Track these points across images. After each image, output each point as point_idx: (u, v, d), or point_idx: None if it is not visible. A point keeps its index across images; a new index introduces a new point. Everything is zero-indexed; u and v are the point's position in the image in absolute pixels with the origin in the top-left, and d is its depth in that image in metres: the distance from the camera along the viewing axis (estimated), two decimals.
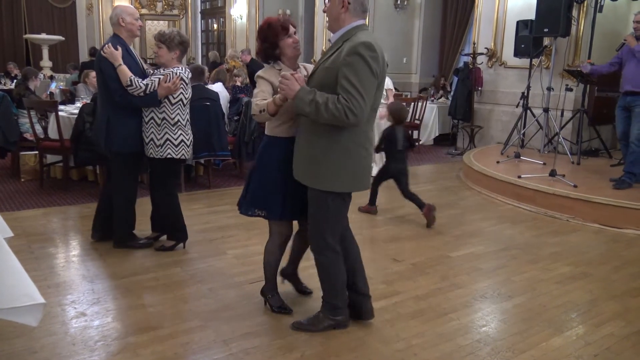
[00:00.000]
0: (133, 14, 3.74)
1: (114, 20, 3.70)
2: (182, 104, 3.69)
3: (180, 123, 3.69)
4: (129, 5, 3.96)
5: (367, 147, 2.63)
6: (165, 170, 3.78)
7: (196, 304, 3.10)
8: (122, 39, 3.69)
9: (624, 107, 5.45)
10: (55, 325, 2.78)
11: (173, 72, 3.59)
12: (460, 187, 6.36)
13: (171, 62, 3.69)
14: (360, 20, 2.53)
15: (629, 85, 5.31)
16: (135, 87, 3.51)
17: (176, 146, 3.68)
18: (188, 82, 3.70)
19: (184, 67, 3.73)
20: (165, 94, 3.58)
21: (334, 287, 2.78)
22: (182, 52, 3.72)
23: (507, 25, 7.95)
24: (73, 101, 7.14)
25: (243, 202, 2.90)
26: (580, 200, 5.00)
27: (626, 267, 3.89)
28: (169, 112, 3.65)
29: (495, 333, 2.89)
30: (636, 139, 5.21)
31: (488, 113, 8.46)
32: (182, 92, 3.65)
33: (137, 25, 3.74)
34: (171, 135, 3.66)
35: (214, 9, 16.22)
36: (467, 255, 4.05)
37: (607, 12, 6.75)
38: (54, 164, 5.88)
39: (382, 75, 2.49)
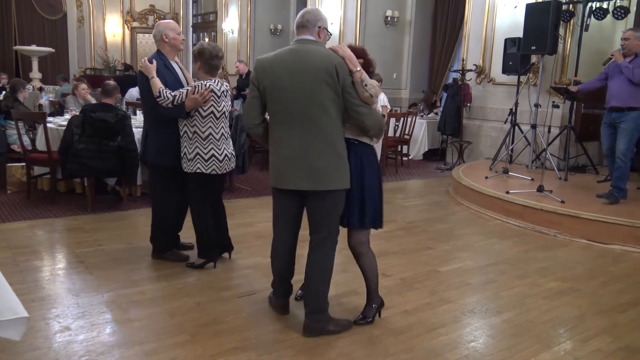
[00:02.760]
0: (175, 29, 3.77)
1: (158, 37, 3.73)
2: (215, 117, 3.59)
3: (213, 137, 3.59)
4: (170, 21, 3.97)
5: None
6: (196, 184, 3.69)
7: (183, 318, 3.06)
8: (164, 54, 3.74)
9: (609, 123, 5.49)
10: (38, 340, 2.74)
11: (202, 84, 3.52)
12: (450, 202, 6.39)
13: (201, 75, 3.64)
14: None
15: (614, 100, 5.36)
16: (164, 99, 3.49)
17: (206, 161, 3.59)
18: (220, 95, 3.59)
19: (219, 80, 3.64)
20: (192, 105, 3.50)
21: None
22: (204, 64, 3.60)
23: (496, 43, 8.06)
24: (62, 113, 7.11)
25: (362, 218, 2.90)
26: (568, 216, 5.04)
27: (613, 283, 3.91)
28: (200, 126, 3.57)
29: (484, 348, 2.88)
30: (622, 154, 5.26)
31: (477, 129, 8.54)
32: (213, 105, 3.56)
33: (180, 39, 3.76)
34: (201, 150, 3.58)
35: (205, 23, 16.30)
36: (456, 270, 4.06)
37: (592, 31, 6.87)
38: (41, 176, 5.83)
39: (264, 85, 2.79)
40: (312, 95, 2.68)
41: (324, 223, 2.87)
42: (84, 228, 4.71)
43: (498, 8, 8.02)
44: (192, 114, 3.56)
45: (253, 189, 6.60)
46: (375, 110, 2.80)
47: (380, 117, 2.85)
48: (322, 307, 2.90)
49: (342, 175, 2.79)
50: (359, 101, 2.69)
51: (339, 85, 2.67)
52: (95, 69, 15.94)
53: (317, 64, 2.67)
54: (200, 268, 3.81)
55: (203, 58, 3.59)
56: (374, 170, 2.90)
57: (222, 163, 3.66)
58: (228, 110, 3.71)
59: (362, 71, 2.67)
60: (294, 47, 2.80)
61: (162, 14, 16.37)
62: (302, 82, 2.69)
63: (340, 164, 2.78)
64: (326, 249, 2.90)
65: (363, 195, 2.85)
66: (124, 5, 16.22)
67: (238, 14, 13.64)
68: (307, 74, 2.68)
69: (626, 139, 5.25)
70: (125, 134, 5.05)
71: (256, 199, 6.13)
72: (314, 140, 2.73)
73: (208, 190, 3.75)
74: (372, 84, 2.69)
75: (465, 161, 8.43)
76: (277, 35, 13.48)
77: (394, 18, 10.33)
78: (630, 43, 5.24)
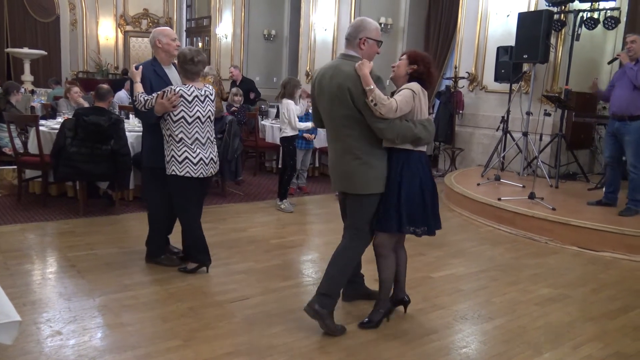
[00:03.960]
0: (169, 34, 3.81)
1: (152, 43, 3.82)
2: (186, 122, 3.57)
3: (185, 141, 3.60)
4: (165, 27, 4.02)
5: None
6: (174, 187, 3.69)
7: (176, 323, 3.05)
8: (158, 60, 3.81)
9: (612, 133, 5.40)
10: (29, 344, 2.72)
11: (172, 89, 3.53)
12: (442, 208, 6.32)
13: (182, 79, 3.69)
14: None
15: (615, 107, 5.30)
16: (138, 102, 3.57)
17: (180, 163, 3.60)
18: (192, 100, 3.57)
19: (194, 85, 3.62)
20: (161, 110, 3.52)
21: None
22: (180, 68, 3.65)
23: (488, 51, 8.12)
24: (54, 116, 7.08)
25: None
26: (559, 223, 5.08)
27: (603, 290, 3.95)
28: (173, 129, 3.59)
29: (476, 354, 2.89)
30: (632, 167, 5.20)
31: (469, 136, 8.59)
32: (183, 110, 3.55)
33: (174, 45, 3.78)
34: (175, 152, 3.60)
35: (199, 28, 16.30)
36: (448, 276, 4.08)
37: (583, 41, 6.95)
38: (32, 179, 5.80)
39: (314, 95, 3.09)
40: (334, 110, 2.92)
41: (352, 221, 3.05)
42: (75, 232, 4.68)
43: (490, 16, 8.09)
44: (165, 118, 3.59)
45: (246, 194, 6.60)
46: (396, 123, 2.80)
47: (407, 126, 2.83)
48: (329, 293, 2.97)
49: (368, 181, 2.91)
50: (374, 118, 2.79)
51: (355, 104, 2.82)
52: (88, 72, 15.89)
53: (336, 82, 2.86)
54: (193, 273, 3.80)
55: (178, 62, 3.66)
56: (415, 177, 2.91)
57: (197, 166, 3.64)
58: (207, 115, 3.68)
59: (373, 89, 2.72)
60: (333, 63, 3.03)
61: (156, 18, 16.36)
62: (327, 98, 2.94)
63: (366, 171, 2.90)
64: (352, 245, 3.05)
65: (399, 201, 2.89)
66: (118, 8, 16.20)
67: (232, 19, 13.66)
68: (328, 92, 2.91)
69: (633, 151, 5.18)
70: (118, 137, 5.04)
71: (249, 204, 6.13)
72: (341, 148, 2.96)
73: (191, 195, 3.73)
74: (383, 102, 2.72)
75: (457, 168, 8.47)
76: (270, 41, 13.51)
77: (387, 25, 10.39)
78: (637, 46, 5.15)
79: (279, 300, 3.41)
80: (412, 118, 2.89)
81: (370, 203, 2.95)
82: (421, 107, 2.92)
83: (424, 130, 2.88)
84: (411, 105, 2.85)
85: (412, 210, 2.91)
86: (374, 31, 2.97)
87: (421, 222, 2.95)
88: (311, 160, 7.36)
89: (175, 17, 16.56)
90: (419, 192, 2.92)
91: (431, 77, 2.97)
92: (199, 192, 3.80)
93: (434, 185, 3.02)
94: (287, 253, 4.42)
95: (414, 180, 2.90)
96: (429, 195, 2.96)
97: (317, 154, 7.80)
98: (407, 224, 2.92)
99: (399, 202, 2.89)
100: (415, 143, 2.89)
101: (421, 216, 2.95)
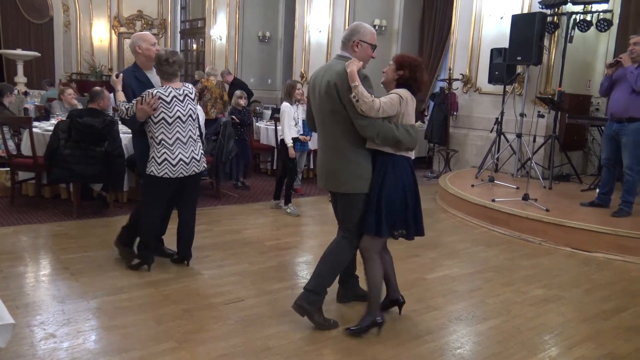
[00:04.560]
0: (149, 40, 3.83)
1: (132, 49, 3.84)
2: (167, 123, 3.60)
3: (165, 142, 3.62)
4: (144, 32, 4.05)
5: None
6: (148, 185, 3.74)
7: (170, 325, 3.04)
8: (138, 65, 3.82)
9: (610, 135, 5.37)
10: (23, 347, 2.70)
11: (149, 92, 3.56)
12: (436, 209, 6.43)
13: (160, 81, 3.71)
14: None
15: (614, 109, 5.29)
16: (120, 112, 3.63)
17: (159, 164, 3.63)
18: (171, 101, 3.60)
19: (171, 85, 3.64)
20: (142, 115, 3.55)
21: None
22: (157, 70, 3.67)
23: (482, 53, 8.16)
24: (48, 118, 7.05)
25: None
26: (552, 224, 5.10)
27: (597, 290, 3.97)
28: (154, 132, 3.62)
29: (470, 355, 2.90)
30: (628, 169, 5.21)
31: (463, 137, 8.62)
32: (163, 111, 3.58)
33: (154, 50, 3.78)
34: (156, 153, 3.64)
35: (193, 30, 16.27)
36: (443, 278, 4.08)
37: (576, 43, 7.00)
38: (26, 181, 5.77)
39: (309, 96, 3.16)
40: (323, 107, 2.98)
41: (342, 221, 3.11)
42: (69, 234, 4.66)
43: (484, 19, 8.12)
44: (147, 121, 3.62)
45: (240, 196, 6.59)
46: (378, 122, 2.80)
47: (389, 127, 2.82)
48: (316, 290, 3.01)
49: (355, 180, 2.94)
50: (356, 114, 2.81)
51: (341, 99, 2.85)
52: (82, 73, 15.81)
53: (326, 79, 2.92)
54: (136, 269, 3.82)
55: (155, 64, 3.68)
56: (398, 180, 2.90)
57: (176, 167, 3.66)
58: (187, 114, 3.70)
59: (357, 86, 2.73)
60: (328, 63, 3.12)
61: (150, 20, 16.31)
62: (317, 96, 3.01)
63: (353, 169, 2.93)
64: (340, 245, 3.09)
65: (379, 203, 2.89)
66: (112, 10, 16.13)
67: (226, 20, 13.64)
68: (319, 89, 2.98)
69: (630, 154, 5.18)
70: (112, 139, 5.03)
71: (243, 206, 6.12)
72: (328, 146, 3.03)
73: (162, 195, 3.74)
74: (365, 99, 2.72)
75: (451, 169, 8.49)
76: (265, 43, 13.50)
77: (381, 27, 10.42)
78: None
79: (274, 302, 3.41)
80: (396, 122, 2.88)
81: (356, 203, 2.96)
82: (407, 112, 2.91)
83: (406, 134, 2.87)
84: (397, 109, 2.84)
85: (392, 214, 2.90)
86: (369, 35, 3.00)
87: (400, 225, 2.95)
88: (306, 162, 7.37)
89: (170, 19, 16.50)
90: (402, 196, 2.92)
91: (418, 83, 2.95)
92: (170, 194, 3.80)
93: (417, 190, 3.01)
94: (282, 255, 4.42)
95: (397, 184, 2.90)
96: (411, 200, 2.95)
97: (311, 155, 7.80)
98: (385, 227, 2.90)
99: (379, 204, 2.89)
100: (396, 146, 2.88)
101: (401, 220, 2.94)
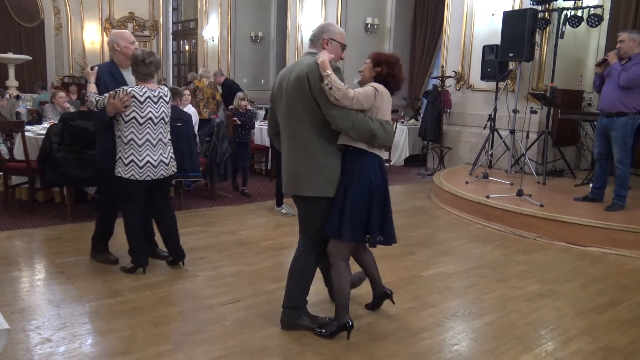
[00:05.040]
0: (127, 38, 3.83)
1: (110, 46, 3.84)
2: (137, 123, 3.58)
3: (134, 143, 3.60)
4: (123, 31, 4.03)
5: None
6: (119, 188, 3.71)
7: (166, 327, 3.04)
8: (115, 62, 3.83)
9: (601, 130, 5.41)
10: (19, 352, 2.69)
11: (124, 89, 3.54)
12: (431, 207, 6.45)
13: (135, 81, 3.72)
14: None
15: (604, 105, 5.33)
16: (90, 103, 3.59)
17: (126, 165, 3.60)
18: (144, 101, 3.59)
19: (147, 86, 3.63)
20: (112, 110, 3.53)
21: None
22: (132, 70, 3.66)
23: (474, 50, 8.18)
24: (40, 121, 7.02)
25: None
26: (547, 219, 5.13)
27: (592, 284, 3.99)
28: (123, 131, 3.60)
29: (467, 352, 2.91)
30: (619, 163, 5.25)
31: (457, 134, 8.64)
32: (135, 111, 3.56)
33: (132, 48, 3.77)
34: (122, 154, 3.61)
35: (185, 31, 16.23)
36: (439, 275, 4.10)
37: (567, 39, 7.02)
38: (19, 186, 5.74)
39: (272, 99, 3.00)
40: (291, 104, 2.82)
41: (303, 228, 3.00)
42: (63, 238, 4.64)
43: (476, 16, 8.15)
44: (117, 119, 3.60)
45: (235, 197, 6.58)
46: (352, 113, 2.70)
47: (363, 119, 2.71)
48: (293, 306, 3.01)
49: (320, 183, 2.79)
50: (328, 104, 2.69)
51: (312, 91, 2.72)
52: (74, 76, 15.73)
53: (296, 73, 2.80)
54: (131, 273, 3.81)
55: (131, 64, 3.67)
56: (365, 180, 2.76)
57: (143, 169, 3.63)
58: (160, 116, 3.69)
59: (330, 74, 2.64)
60: (294, 62, 3.01)
61: (142, 21, 16.26)
62: (286, 92, 2.84)
63: (320, 171, 2.79)
64: (303, 255, 2.99)
65: (344, 204, 2.76)
66: (103, 12, 16.06)
67: (218, 21, 13.62)
68: (289, 84, 2.83)
69: (620, 147, 5.22)
70: None
71: (238, 207, 6.11)
72: (294, 147, 2.85)
73: (134, 197, 3.72)
74: (339, 86, 2.63)
75: (445, 166, 8.51)
76: (257, 43, 13.49)
77: (374, 25, 10.44)
78: (625, 45, 5.15)
79: (270, 303, 3.40)
80: (371, 115, 2.77)
81: (320, 208, 2.82)
82: (382, 108, 2.80)
83: (381, 128, 2.74)
84: (371, 102, 2.74)
85: (356, 218, 2.75)
86: (338, 34, 2.94)
87: (363, 231, 2.80)
88: None
89: (162, 20, 16.46)
90: (367, 197, 2.77)
91: (396, 80, 2.88)
92: (143, 195, 3.78)
93: (386, 194, 2.85)
94: (278, 255, 4.42)
95: (363, 184, 2.76)
96: (377, 203, 2.79)
97: None
98: (348, 230, 2.75)
99: (344, 206, 2.75)
100: (371, 141, 2.74)
101: (364, 225, 2.78)
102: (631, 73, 5.03)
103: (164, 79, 16.15)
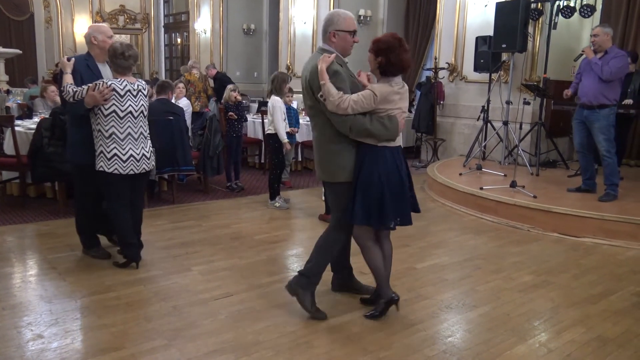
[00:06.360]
0: (105, 32, 3.80)
1: (87, 40, 3.80)
2: (118, 117, 3.55)
3: (116, 136, 3.57)
4: (101, 24, 3.99)
5: None
6: (102, 183, 3.68)
7: (160, 322, 3.02)
8: (92, 55, 3.79)
9: (580, 120, 5.51)
10: (10, 349, 2.67)
11: (104, 82, 3.51)
12: (425, 198, 6.44)
13: (113, 74, 3.69)
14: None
15: (584, 97, 5.38)
16: (66, 93, 3.53)
17: (108, 159, 3.57)
18: (124, 95, 3.56)
19: (126, 79, 3.61)
20: (91, 102, 3.48)
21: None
22: (110, 63, 3.65)
23: (467, 41, 8.16)
24: (30, 116, 6.95)
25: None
26: (540, 211, 5.14)
27: (585, 275, 4.00)
28: (103, 124, 3.56)
29: (461, 343, 2.92)
30: (606, 151, 5.29)
31: (450, 126, 8.64)
32: (115, 104, 3.53)
33: (110, 42, 3.73)
34: (104, 148, 3.58)
35: (177, 23, 16.11)
36: (433, 267, 4.10)
37: (560, 29, 7.02)
38: (10, 181, 5.69)
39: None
40: (306, 99, 3.01)
41: (331, 208, 3.23)
42: (55, 233, 4.61)
43: (468, 7, 8.12)
44: (96, 112, 3.56)
45: (228, 191, 6.56)
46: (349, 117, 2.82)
47: (361, 121, 2.83)
48: (308, 274, 3.11)
49: (337, 170, 2.96)
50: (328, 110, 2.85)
51: (315, 95, 2.88)
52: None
53: (305, 74, 2.97)
54: (124, 267, 3.79)
55: (109, 57, 3.64)
56: (373, 171, 2.88)
57: (126, 163, 3.61)
58: (139, 110, 3.67)
59: (324, 84, 2.78)
60: (312, 55, 3.13)
61: (133, 14, 16.11)
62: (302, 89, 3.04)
63: (336, 159, 2.95)
64: (330, 233, 3.14)
65: (355, 193, 2.91)
66: (93, 5, 15.90)
67: (210, 13, 13.52)
68: (303, 83, 3.00)
69: (604, 137, 5.26)
70: None
71: (232, 200, 6.09)
72: (315, 136, 3.07)
73: (119, 191, 3.70)
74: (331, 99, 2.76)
75: (439, 158, 8.52)
76: (250, 35, 13.41)
77: (366, 17, 10.38)
78: (600, 39, 5.22)
79: (264, 296, 3.40)
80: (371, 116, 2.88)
81: (341, 192, 2.98)
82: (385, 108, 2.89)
83: (381, 126, 2.84)
84: (370, 106, 2.84)
85: (366, 203, 2.89)
86: (343, 23, 2.94)
87: (378, 216, 2.92)
88: (294, 155, 7.34)
89: (153, 13, 16.31)
90: (377, 185, 2.88)
91: (394, 66, 2.92)
92: (128, 188, 3.76)
93: (401, 179, 2.95)
94: (272, 248, 4.41)
95: (371, 174, 2.89)
96: (390, 189, 2.89)
97: (299, 148, 7.77)
98: (359, 215, 2.91)
99: (355, 193, 2.91)
100: (372, 139, 2.89)
101: (378, 211, 2.90)
102: (613, 66, 5.12)
103: (156, 72, 16.05)
